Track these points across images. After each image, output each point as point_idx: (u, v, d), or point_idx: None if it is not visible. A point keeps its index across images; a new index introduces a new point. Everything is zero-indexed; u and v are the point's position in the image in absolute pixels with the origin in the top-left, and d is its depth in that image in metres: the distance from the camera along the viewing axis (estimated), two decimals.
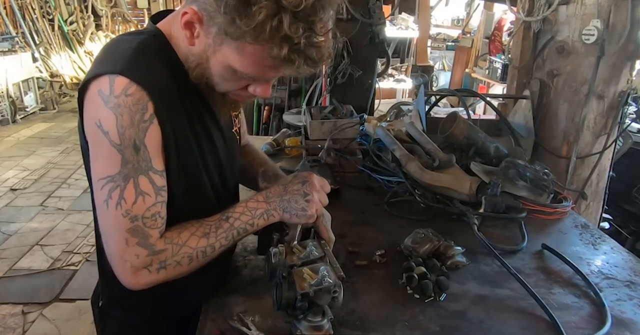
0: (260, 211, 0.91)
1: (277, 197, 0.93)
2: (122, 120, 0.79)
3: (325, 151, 1.76)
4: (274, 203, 0.93)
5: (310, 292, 0.82)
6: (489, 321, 0.96)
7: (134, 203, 0.81)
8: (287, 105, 4.21)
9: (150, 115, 0.81)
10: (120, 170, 0.80)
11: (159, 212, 0.84)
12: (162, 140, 0.85)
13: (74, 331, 2.47)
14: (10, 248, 3.25)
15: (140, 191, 0.82)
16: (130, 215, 0.81)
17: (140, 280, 0.84)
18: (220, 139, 1.01)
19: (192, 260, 0.86)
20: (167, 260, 0.84)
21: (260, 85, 0.89)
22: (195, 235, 0.87)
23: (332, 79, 2.46)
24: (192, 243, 0.86)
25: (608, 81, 1.95)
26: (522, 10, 2.13)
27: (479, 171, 1.51)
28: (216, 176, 1.01)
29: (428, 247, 1.14)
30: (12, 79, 6.16)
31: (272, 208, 0.92)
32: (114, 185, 0.80)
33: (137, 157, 0.81)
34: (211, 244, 0.87)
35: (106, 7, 8.04)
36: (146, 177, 0.82)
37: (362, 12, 2.29)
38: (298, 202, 0.92)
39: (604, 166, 2.11)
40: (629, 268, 1.18)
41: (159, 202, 0.84)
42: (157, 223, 0.84)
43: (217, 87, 0.89)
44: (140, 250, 0.82)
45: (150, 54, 0.86)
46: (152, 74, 0.84)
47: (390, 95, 4.78)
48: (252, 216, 0.91)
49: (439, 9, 7.61)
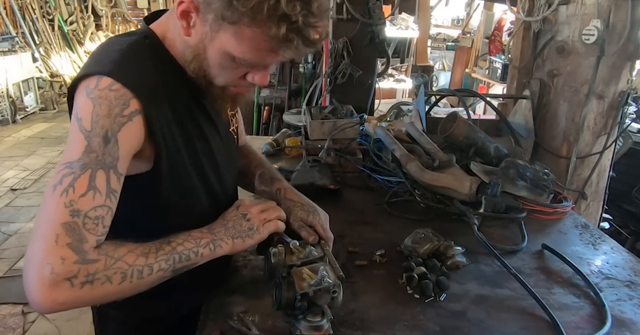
0: (206, 241, 0.87)
1: (221, 227, 0.91)
2: (100, 110, 0.77)
3: (325, 151, 1.76)
4: (220, 233, 0.90)
5: (310, 292, 0.82)
6: (489, 321, 0.96)
7: (83, 195, 0.73)
8: (287, 105, 4.22)
9: (130, 113, 0.79)
10: (80, 158, 0.74)
11: (103, 217, 0.75)
12: (149, 144, 0.84)
13: (74, 331, 2.47)
14: (10, 248, 3.25)
15: (94, 186, 0.74)
16: (73, 207, 0.72)
17: (56, 297, 0.68)
18: (216, 139, 1.01)
19: (124, 279, 0.75)
20: (97, 274, 0.72)
21: (258, 73, 0.87)
22: (134, 252, 0.78)
23: (332, 79, 2.46)
24: (129, 259, 0.76)
25: (608, 81, 1.95)
26: (522, 10, 2.13)
27: (479, 171, 1.51)
28: (213, 177, 1.00)
29: (428, 247, 1.14)
30: (12, 79, 6.16)
31: (219, 238, 0.89)
32: (69, 171, 0.74)
33: (104, 149, 0.76)
34: (149, 264, 0.78)
35: (106, 7, 8.04)
36: (106, 174, 0.76)
37: (362, 12, 2.29)
38: (242, 224, 0.92)
39: (604, 166, 2.11)
40: (629, 268, 1.18)
41: (106, 206, 0.76)
42: (98, 230, 0.75)
43: (216, 79, 0.88)
44: (69, 253, 0.70)
45: (140, 55, 0.86)
46: (140, 76, 0.83)
47: (390, 95, 4.78)
48: (197, 244, 0.85)
49: (439, 9, 7.60)
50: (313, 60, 3.97)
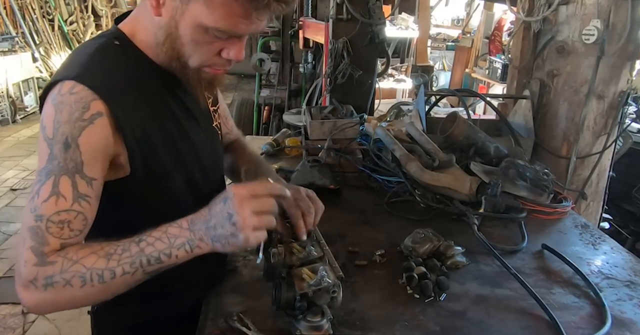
0: (182, 240, 0.77)
1: (202, 224, 0.78)
2: (60, 116, 0.77)
3: (325, 151, 1.76)
4: (200, 232, 0.77)
5: (309, 292, 0.82)
6: (489, 321, 0.95)
7: (45, 201, 0.74)
8: (287, 105, 4.21)
9: (91, 116, 0.78)
10: (45, 165, 0.76)
11: (69, 221, 0.76)
12: (122, 147, 0.83)
13: (74, 331, 2.47)
14: (10, 248, 3.25)
15: (57, 191, 0.75)
16: (36, 212, 0.74)
17: (29, 298, 0.75)
18: (199, 136, 1.00)
19: (85, 283, 0.73)
20: (55, 277, 0.72)
21: (233, 47, 0.85)
22: (96, 253, 0.75)
23: (332, 79, 2.46)
24: (87, 261, 0.74)
25: (608, 81, 1.95)
26: (522, 10, 2.13)
27: (479, 171, 1.51)
28: (198, 175, 0.99)
29: (428, 247, 1.14)
30: (12, 79, 6.16)
31: (198, 237, 0.77)
32: (37, 179, 0.76)
33: (65, 155, 0.76)
34: (111, 267, 0.74)
35: (106, 7, 8.05)
36: (69, 179, 0.76)
37: (362, 12, 2.29)
38: (224, 226, 0.76)
39: (604, 166, 2.11)
40: (629, 268, 1.18)
41: (73, 211, 0.76)
42: (63, 233, 0.75)
43: (191, 59, 0.86)
44: (31, 256, 0.74)
45: (109, 57, 0.86)
46: (107, 77, 0.83)
47: (390, 95, 4.77)
48: (170, 245, 0.76)
49: (439, 9, 7.61)
50: (313, 60, 3.97)
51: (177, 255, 0.77)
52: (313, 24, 3.17)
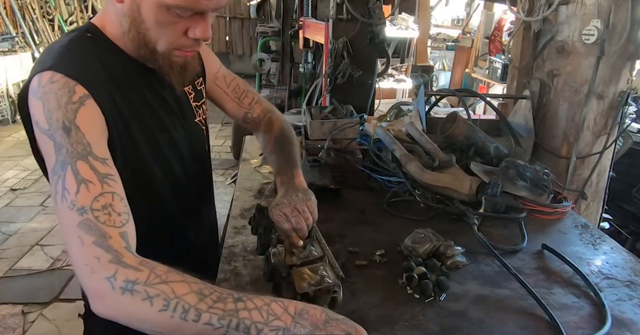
0: (279, 324, 0.65)
1: (309, 325, 0.66)
2: (49, 105, 0.75)
3: (325, 151, 1.76)
4: (302, 328, 0.66)
5: (310, 292, 0.82)
6: (489, 321, 0.95)
7: (77, 192, 0.70)
8: (287, 105, 4.22)
9: (80, 97, 0.77)
10: (56, 159, 0.72)
11: (111, 204, 0.71)
12: (108, 131, 0.81)
13: (74, 331, 2.47)
14: (10, 248, 3.25)
15: (82, 179, 0.71)
16: (77, 206, 0.69)
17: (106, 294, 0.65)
18: (179, 131, 0.99)
19: (166, 309, 0.63)
20: (137, 285, 0.64)
21: (198, 25, 0.84)
22: (189, 285, 0.66)
23: (332, 79, 2.46)
24: (178, 289, 0.65)
25: (608, 81, 1.95)
26: (522, 10, 2.13)
27: (479, 171, 1.51)
28: (178, 168, 0.99)
29: (428, 247, 1.14)
30: (12, 79, 6.16)
31: (294, 333, 0.66)
32: (56, 176, 0.72)
33: (69, 140, 0.73)
34: (199, 308, 0.64)
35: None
36: (85, 162, 0.72)
37: (362, 12, 2.29)
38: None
39: (604, 166, 2.11)
40: (629, 268, 1.18)
41: (107, 193, 0.72)
42: (114, 220, 0.70)
43: (158, 44, 0.85)
44: (100, 252, 0.66)
45: (82, 48, 0.86)
46: (83, 66, 0.82)
47: (390, 95, 4.78)
48: (266, 322, 0.65)
49: (439, 9, 7.60)
50: (313, 60, 3.97)
51: (266, 333, 0.65)
52: (313, 24, 3.17)
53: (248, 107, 1.21)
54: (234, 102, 1.19)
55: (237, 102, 1.19)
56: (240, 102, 1.20)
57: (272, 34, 4.56)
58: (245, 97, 1.20)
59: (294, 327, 0.66)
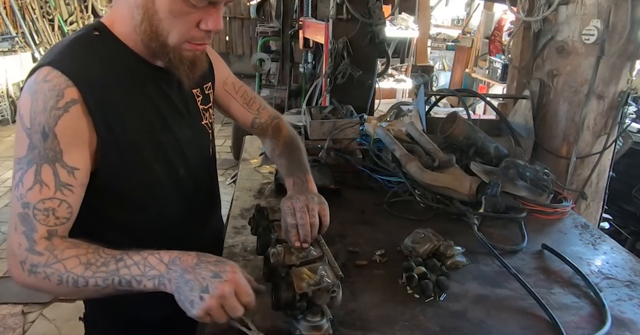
0: (154, 273, 0.75)
1: (180, 270, 0.75)
2: (36, 105, 0.79)
3: (325, 151, 1.76)
4: (174, 273, 0.75)
5: (309, 292, 0.82)
6: (489, 321, 0.95)
7: (30, 189, 0.79)
8: (287, 105, 4.21)
9: (65, 103, 0.80)
10: (26, 154, 0.80)
11: (54, 209, 0.80)
12: (95, 134, 0.83)
13: (74, 331, 2.47)
14: None
15: (40, 180, 0.79)
16: (23, 200, 0.79)
17: (18, 276, 0.80)
18: (185, 132, 0.99)
19: (60, 282, 0.77)
20: (38, 268, 0.78)
21: (210, 17, 0.85)
22: (78, 258, 0.78)
23: (332, 79, 2.46)
24: (68, 264, 0.77)
25: (608, 81, 1.95)
26: (522, 10, 2.13)
27: (479, 171, 1.51)
28: (182, 170, 0.99)
29: (428, 247, 1.14)
30: (12, 79, 6.16)
31: (168, 278, 0.75)
32: (19, 167, 0.80)
33: (44, 145, 0.79)
34: (86, 276, 0.76)
35: (106, 7, 8.04)
36: (51, 167, 0.79)
37: (362, 12, 2.29)
38: (193, 291, 0.73)
39: (604, 166, 2.11)
40: (629, 268, 1.18)
41: (57, 199, 0.80)
42: (49, 221, 0.80)
43: (170, 36, 0.85)
44: (23, 240, 0.79)
45: (85, 46, 0.87)
46: (83, 64, 0.84)
47: (390, 95, 4.78)
48: (143, 273, 0.76)
49: (439, 9, 7.60)
50: (313, 60, 3.97)
51: (146, 285, 0.76)
52: (313, 24, 3.17)
53: (256, 112, 1.23)
54: (242, 108, 1.22)
55: (246, 107, 1.22)
56: (249, 107, 1.22)
57: (272, 34, 4.56)
58: (253, 102, 1.23)
59: (167, 273, 0.75)
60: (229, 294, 0.74)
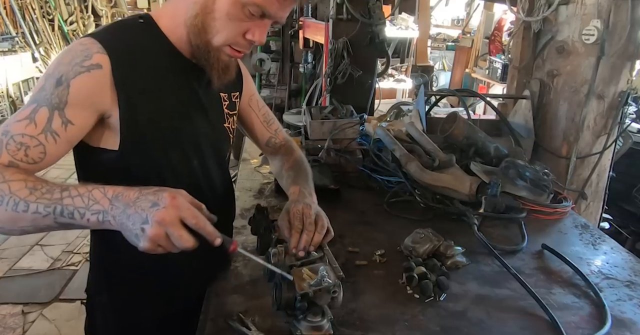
0: (98, 208, 0.73)
1: (122, 205, 0.73)
2: (63, 58, 0.82)
3: (325, 151, 1.76)
4: (117, 209, 0.73)
5: (310, 292, 0.82)
6: (489, 321, 0.96)
7: (18, 121, 0.79)
8: (287, 105, 4.21)
9: (90, 65, 0.82)
10: (34, 95, 0.81)
11: (28, 147, 0.78)
12: (117, 108, 0.85)
13: (74, 331, 2.47)
14: (10, 248, 3.25)
15: (32, 117, 0.79)
16: (6, 128, 0.79)
17: None
18: (206, 127, 1.00)
19: (1, 204, 0.73)
20: None
21: (258, 29, 0.89)
22: (25, 182, 0.75)
23: (332, 79, 2.46)
24: (14, 186, 0.74)
25: (608, 81, 1.95)
26: (522, 10, 2.13)
27: (479, 171, 1.51)
28: (195, 161, 0.99)
29: (428, 247, 1.14)
30: (12, 79, 6.15)
31: (112, 214, 0.73)
32: (26, 105, 0.81)
33: (54, 90, 0.80)
34: (28, 200, 0.73)
35: (106, 7, 8.04)
36: (49, 112, 0.80)
37: (362, 12, 2.29)
38: (135, 224, 0.71)
39: (604, 166, 2.11)
40: (629, 268, 1.18)
41: (37, 140, 0.79)
42: (17, 154, 0.78)
43: (216, 37, 0.88)
44: None
45: (128, 30, 0.91)
46: (120, 41, 0.87)
47: (390, 95, 4.78)
48: (86, 206, 0.74)
49: (439, 9, 7.60)
50: (313, 60, 3.97)
51: (89, 219, 0.74)
52: (313, 24, 3.17)
53: (274, 132, 1.27)
54: (262, 125, 1.25)
55: (265, 125, 1.25)
56: (268, 126, 1.26)
57: (272, 34, 4.56)
58: (272, 123, 1.27)
59: (110, 209, 0.73)
60: (169, 221, 0.71)
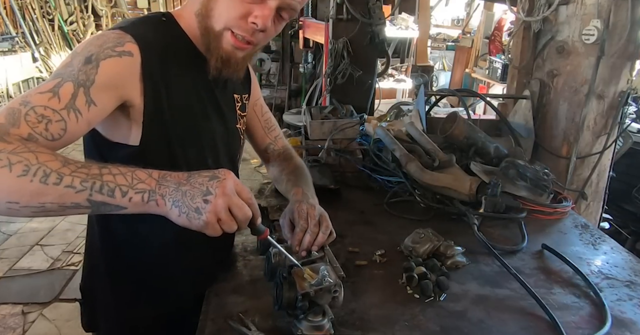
0: (144, 187, 0.70)
1: (173, 183, 0.71)
2: (95, 41, 0.81)
3: (325, 151, 1.76)
4: (166, 188, 0.71)
5: (311, 292, 0.82)
6: (489, 321, 0.96)
7: (40, 93, 0.73)
8: (287, 105, 4.22)
9: (122, 51, 0.81)
10: (58, 70, 0.77)
11: (50, 120, 0.71)
12: (143, 100, 0.84)
13: (74, 331, 2.47)
14: (10, 248, 3.25)
15: (55, 91, 0.73)
16: (26, 99, 0.72)
17: None
18: (221, 128, 1.01)
19: (26, 174, 0.64)
20: (2, 153, 0.65)
21: (260, 12, 0.86)
22: (55, 156, 0.68)
23: (332, 79, 2.46)
24: (42, 157, 0.66)
25: (608, 81, 1.95)
26: (522, 10, 2.13)
27: (479, 171, 1.51)
28: (210, 160, 1.00)
29: (428, 247, 1.14)
30: (12, 79, 6.15)
31: (160, 193, 0.70)
32: (50, 78, 0.77)
33: (82, 67, 0.76)
34: (62, 172, 0.66)
35: (106, 7, 8.04)
36: (74, 87, 0.75)
37: (362, 12, 2.29)
38: (194, 198, 0.70)
39: (604, 166, 2.11)
40: (629, 268, 1.18)
41: (58, 114, 0.72)
42: (38, 126, 0.70)
43: (217, 21, 0.87)
44: None
45: (152, 26, 0.90)
46: (148, 35, 0.86)
47: (390, 95, 4.78)
48: (130, 185, 0.69)
49: (439, 9, 7.60)
50: (313, 60, 3.97)
51: (132, 198, 0.69)
52: (313, 24, 3.17)
53: (273, 139, 1.27)
54: (262, 131, 1.25)
55: (266, 131, 1.25)
56: (268, 132, 1.26)
57: None
58: (273, 130, 1.27)
59: (158, 188, 0.70)
60: (231, 192, 0.71)
